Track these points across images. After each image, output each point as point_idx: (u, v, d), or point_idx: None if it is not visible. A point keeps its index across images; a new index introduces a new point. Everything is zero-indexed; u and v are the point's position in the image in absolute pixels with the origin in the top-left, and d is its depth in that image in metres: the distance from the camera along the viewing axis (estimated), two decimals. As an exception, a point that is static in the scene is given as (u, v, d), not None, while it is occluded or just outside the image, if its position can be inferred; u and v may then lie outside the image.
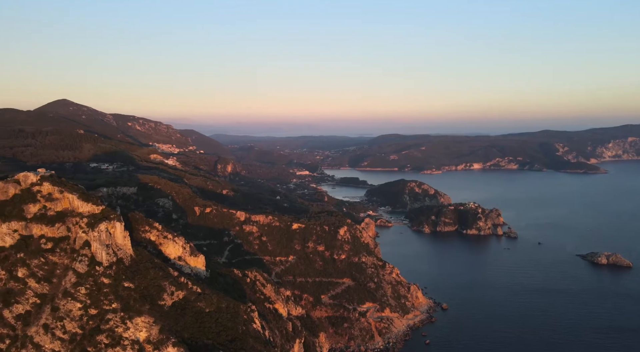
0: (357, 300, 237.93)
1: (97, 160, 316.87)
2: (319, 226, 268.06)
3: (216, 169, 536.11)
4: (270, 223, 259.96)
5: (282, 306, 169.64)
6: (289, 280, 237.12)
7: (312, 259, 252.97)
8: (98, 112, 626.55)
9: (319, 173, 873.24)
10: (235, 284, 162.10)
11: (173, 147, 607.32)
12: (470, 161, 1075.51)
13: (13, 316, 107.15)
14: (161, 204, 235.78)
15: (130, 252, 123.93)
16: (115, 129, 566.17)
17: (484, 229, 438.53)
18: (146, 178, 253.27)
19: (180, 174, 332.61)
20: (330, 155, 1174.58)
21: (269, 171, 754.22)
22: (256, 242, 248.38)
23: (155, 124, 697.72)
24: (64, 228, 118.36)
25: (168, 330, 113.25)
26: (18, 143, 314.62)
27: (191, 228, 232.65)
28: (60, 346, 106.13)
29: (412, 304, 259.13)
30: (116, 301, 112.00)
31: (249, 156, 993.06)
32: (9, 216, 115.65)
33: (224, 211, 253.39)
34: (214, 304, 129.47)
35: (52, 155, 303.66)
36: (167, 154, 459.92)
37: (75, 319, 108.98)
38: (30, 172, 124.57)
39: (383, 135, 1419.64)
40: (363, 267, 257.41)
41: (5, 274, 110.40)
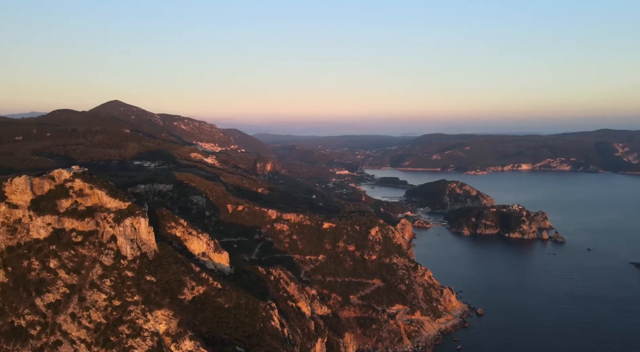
0: (387, 301, 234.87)
1: (140, 158, 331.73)
2: (350, 226, 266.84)
3: (255, 167, 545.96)
4: (301, 222, 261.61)
5: (305, 305, 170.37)
6: (317, 279, 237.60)
7: (342, 259, 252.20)
8: (147, 112, 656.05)
9: (358, 173, 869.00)
10: (259, 281, 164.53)
11: (215, 146, 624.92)
12: (518, 162, 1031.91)
13: (44, 304, 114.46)
14: (195, 201, 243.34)
15: (154, 247, 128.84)
16: (161, 128, 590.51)
17: (527, 233, 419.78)
18: (182, 176, 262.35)
19: (217, 172, 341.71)
20: (371, 155, 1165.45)
21: (308, 170, 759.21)
22: (286, 241, 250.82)
23: (199, 124, 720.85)
24: (93, 222, 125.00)
25: (186, 324, 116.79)
26: (70, 142, 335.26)
27: (223, 225, 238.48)
28: (85, 334, 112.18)
29: (445, 307, 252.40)
30: (138, 294, 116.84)
31: (290, 155, 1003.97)
32: (43, 210, 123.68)
33: (255, 209, 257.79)
34: (233, 300, 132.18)
35: (99, 154, 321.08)
36: (208, 152, 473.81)
37: (100, 310, 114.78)
38: (64, 169, 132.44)
39: (426, 135, 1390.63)
40: (394, 269, 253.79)
41: (38, 265, 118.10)
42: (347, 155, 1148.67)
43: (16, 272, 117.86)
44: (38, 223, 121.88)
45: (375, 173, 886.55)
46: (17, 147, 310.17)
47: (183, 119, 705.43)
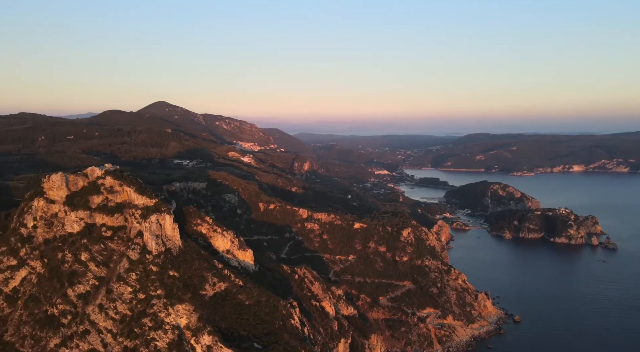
0: (417, 304, 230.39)
1: (180, 157, 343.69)
2: (381, 226, 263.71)
3: (293, 167, 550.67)
4: (332, 221, 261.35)
5: (329, 304, 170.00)
6: (347, 279, 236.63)
7: (373, 260, 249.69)
8: (190, 112, 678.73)
9: (398, 173, 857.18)
10: (283, 279, 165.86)
11: (255, 145, 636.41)
12: (569, 163, 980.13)
13: (75, 294, 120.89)
14: (227, 199, 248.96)
15: (178, 243, 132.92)
16: (203, 128, 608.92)
17: (575, 238, 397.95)
18: (216, 174, 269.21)
19: (252, 171, 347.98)
20: (412, 155, 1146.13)
21: (347, 170, 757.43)
22: (317, 240, 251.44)
23: (240, 123, 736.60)
24: (121, 218, 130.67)
25: (206, 319, 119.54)
26: (116, 141, 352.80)
27: (254, 223, 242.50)
28: (112, 325, 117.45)
29: (479, 313, 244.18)
30: (161, 288, 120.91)
31: (330, 155, 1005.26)
32: (77, 205, 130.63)
33: (287, 207, 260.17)
34: (254, 298, 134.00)
35: (142, 152, 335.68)
36: (246, 151, 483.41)
37: (125, 302, 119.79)
38: (97, 167, 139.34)
39: (470, 135, 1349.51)
40: (426, 271, 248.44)
41: (71, 257, 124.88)
42: (387, 155, 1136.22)
43: (51, 263, 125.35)
44: (72, 218, 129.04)
45: (415, 173, 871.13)
46: (68, 146, 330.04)
47: (225, 118, 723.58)
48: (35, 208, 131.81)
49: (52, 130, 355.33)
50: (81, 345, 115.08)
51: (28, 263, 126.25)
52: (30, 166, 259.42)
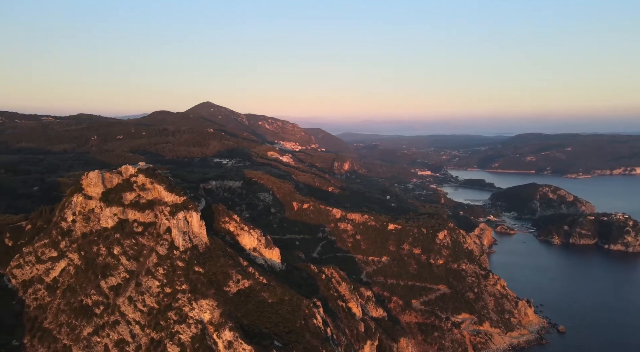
0: (452, 309, 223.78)
1: (220, 156, 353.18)
2: (416, 228, 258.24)
3: (333, 166, 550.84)
4: (366, 222, 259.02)
5: (356, 305, 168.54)
6: (379, 281, 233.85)
7: (407, 262, 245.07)
8: (234, 112, 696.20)
9: (442, 174, 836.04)
10: (310, 279, 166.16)
11: (296, 144, 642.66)
12: (631, 165, 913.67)
13: (107, 286, 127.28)
14: (262, 198, 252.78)
15: (205, 240, 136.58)
16: (245, 127, 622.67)
17: (633, 245, 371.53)
18: (251, 173, 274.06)
19: (290, 170, 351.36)
20: (458, 155, 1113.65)
21: (388, 170, 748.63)
22: (350, 240, 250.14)
23: (282, 123, 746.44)
24: (152, 215, 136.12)
25: (228, 315, 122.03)
26: (161, 140, 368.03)
27: (287, 222, 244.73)
28: (140, 317, 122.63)
29: (519, 321, 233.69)
30: (186, 283, 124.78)
31: (372, 154, 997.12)
32: (111, 201, 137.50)
33: (321, 207, 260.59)
34: (277, 296, 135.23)
35: (184, 151, 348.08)
36: (286, 151, 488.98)
37: (153, 295, 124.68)
38: (131, 165, 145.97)
39: (521, 135, 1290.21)
40: (462, 275, 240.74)
41: (105, 251, 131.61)
42: (432, 155, 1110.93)
43: (87, 256, 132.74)
44: (106, 213, 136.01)
45: (460, 174, 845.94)
46: (118, 145, 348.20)
47: (267, 118, 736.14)
48: (75, 203, 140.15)
49: (104, 130, 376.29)
50: (111, 335, 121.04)
51: (67, 255, 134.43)
52: (82, 164, 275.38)
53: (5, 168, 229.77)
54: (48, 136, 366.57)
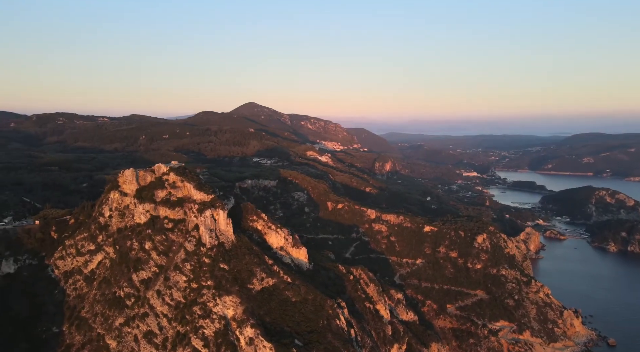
0: (489, 316, 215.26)
1: (259, 155, 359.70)
2: (453, 231, 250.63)
3: (374, 166, 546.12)
4: (401, 223, 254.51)
5: (384, 308, 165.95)
6: (413, 283, 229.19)
7: (442, 265, 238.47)
8: (277, 112, 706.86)
9: (489, 175, 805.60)
10: (337, 279, 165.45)
11: (338, 144, 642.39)
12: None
13: (139, 280, 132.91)
14: (296, 197, 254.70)
15: (231, 237, 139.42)
16: (288, 127, 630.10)
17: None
18: (286, 173, 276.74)
19: (328, 170, 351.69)
20: (508, 156, 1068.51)
21: (432, 171, 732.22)
22: (384, 242, 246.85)
23: (325, 123, 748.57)
24: (182, 212, 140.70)
25: (251, 312, 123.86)
26: (203, 140, 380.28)
27: (321, 222, 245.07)
28: (167, 310, 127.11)
29: (564, 332, 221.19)
30: (211, 279, 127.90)
31: (416, 155, 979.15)
32: (144, 198, 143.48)
33: (355, 207, 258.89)
34: (300, 295, 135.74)
35: (225, 151, 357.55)
36: (326, 151, 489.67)
37: (180, 290, 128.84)
38: (164, 163, 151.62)
39: (578, 135, 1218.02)
40: (502, 281, 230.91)
41: (137, 245, 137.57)
42: (479, 156, 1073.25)
43: (122, 250, 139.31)
44: (140, 210, 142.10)
45: (509, 176, 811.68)
46: (162, 145, 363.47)
47: (310, 118, 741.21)
48: (112, 200, 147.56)
49: (151, 130, 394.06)
50: (141, 326, 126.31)
51: (103, 249, 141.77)
52: (128, 162, 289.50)
53: (59, 166, 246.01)
54: (101, 136, 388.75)
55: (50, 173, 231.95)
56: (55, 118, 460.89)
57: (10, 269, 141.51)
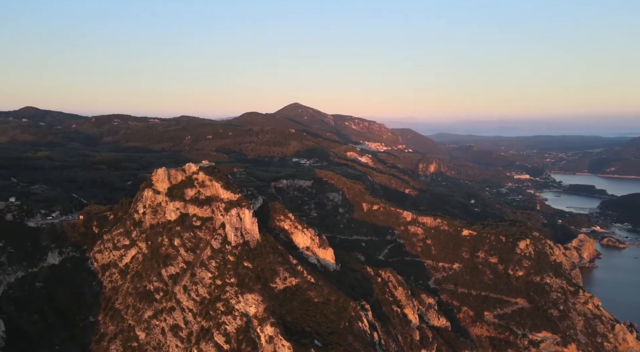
0: (531, 326, 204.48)
1: (299, 155, 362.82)
2: (494, 235, 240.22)
3: (417, 168, 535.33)
4: (438, 226, 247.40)
5: (412, 312, 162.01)
6: (448, 288, 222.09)
7: (481, 271, 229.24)
8: (321, 113, 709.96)
9: (543, 178, 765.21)
10: (365, 281, 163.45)
11: (381, 145, 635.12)
12: None
13: (167, 275, 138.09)
14: (331, 197, 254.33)
15: (256, 236, 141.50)
16: (331, 128, 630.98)
17: None
18: (322, 173, 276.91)
19: (366, 171, 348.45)
20: (565, 158, 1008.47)
21: (481, 173, 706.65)
22: (420, 245, 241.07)
23: (369, 124, 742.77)
24: (209, 210, 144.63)
25: (271, 310, 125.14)
26: (245, 140, 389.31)
27: (355, 223, 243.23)
28: (192, 305, 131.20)
29: (615, 347, 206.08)
30: (234, 277, 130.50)
31: (465, 156, 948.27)
32: (175, 196, 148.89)
33: (391, 209, 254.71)
34: (323, 296, 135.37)
35: (265, 151, 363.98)
36: (367, 151, 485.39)
37: (205, 286, 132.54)
38: (194, 163, 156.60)
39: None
40: (546, 290, 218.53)
41: (167, 242, 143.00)
42: (533, 157, 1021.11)
43: (153, 246, 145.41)
44: (170, 207, 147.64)
45: (566, 179, 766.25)
46: (206, 145, 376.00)
47: (354, 119, 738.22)
48: (145, 197, 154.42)
49: (196, 130, 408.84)
50: (168, 319, 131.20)
51: (137, 244, 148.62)
52: (173, 161, 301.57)
53: (108, 164, 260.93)
54: (151, 136, 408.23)
55: (100, 171, 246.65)
56: (112, 119, 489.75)
57: (55, 260, 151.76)
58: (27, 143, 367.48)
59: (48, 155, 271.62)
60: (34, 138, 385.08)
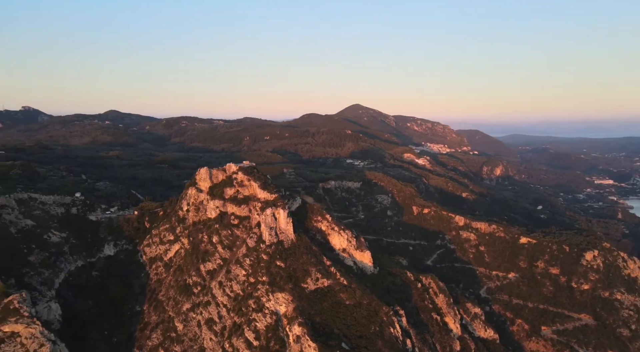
0: (596, 345, 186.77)
1: (353, 156, 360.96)
2: (556, 244, 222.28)
3: (481, 171, 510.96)
4: (493, 232, 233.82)
5: (453, 321, 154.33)
6: (502, 299, 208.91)
7: (540, 282, 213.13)
8: (382, 114, 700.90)
9: (630, 183, 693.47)
10: (403, 286, 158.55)
11: (444, 147, 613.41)
12: None
13: (205, 270, 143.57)
14: (379, 199, 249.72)
15: (291, 236, 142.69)
16: (391, 129, 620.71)
17: None
18: (371, 175, 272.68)
19: (422, 173, 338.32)
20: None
21: (555, 177, 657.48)
22: (472, 251, 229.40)
23: (432, 124, 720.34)
24: (247, 209, 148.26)
25: (300, 310, 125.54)
26: (301, 141, 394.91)
27: (403, 226, 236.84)
28: (227, 301, 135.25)
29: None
30: (266, 275, 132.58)
31: (539, 159, 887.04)
32: (215, 195, 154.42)
33: (442, 213, 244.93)
34: (355, 298, 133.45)
35: (320, 152, 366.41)
36: (428, 153, 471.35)
37: (239, 283, 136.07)
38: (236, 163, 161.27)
39: None
40: (615, 306, 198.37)
41: (207, 239, 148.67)
42: (620, 161, 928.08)
43: (194, 242, 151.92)
44: (211, 205, 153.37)
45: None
46: (263, 145, 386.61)
47: (417, 119, 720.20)
48: (189, 195, 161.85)
49: (255, 132, 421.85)
50: (204, 313, 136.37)
51: (180, 239, 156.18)
52: (229, 161, 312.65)
53: (168, 163, 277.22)
54: (213, 137, 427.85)
55: (161, 170, 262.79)
56: (180, 121, 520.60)
57: (110, 252, 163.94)
58: (106, 143, 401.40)
59: (118, 155, 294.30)
60: (111, 139, 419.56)
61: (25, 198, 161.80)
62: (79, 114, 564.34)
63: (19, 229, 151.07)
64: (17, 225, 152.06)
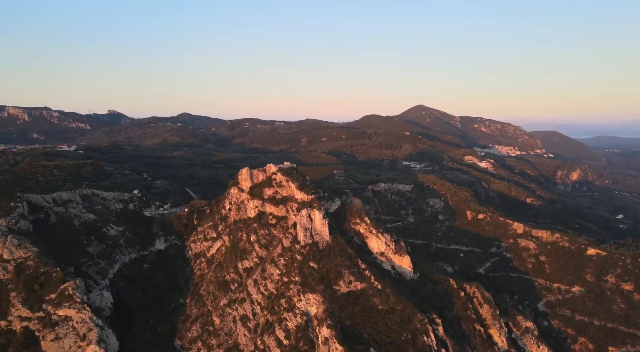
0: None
1: (410, 158, 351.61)
2: (630, 258, 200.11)
3: (555, 175, 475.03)
4: (556, 242, 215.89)
5: (498, 334, 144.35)
6: (563, 314, 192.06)
7: (609, 298, 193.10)
8: (447, 115, 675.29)
9: None
10: (445, 294, 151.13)
11: (514, 149, 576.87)
12: None
13: (242, 268, 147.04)
14: (431, 203, 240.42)
15: (326, 238, 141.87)
16: (456, 130, 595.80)
17: None
18: (424, 178, 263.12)
19: (483, 177, 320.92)
20: None
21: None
22: (531, 261, 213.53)
23: (502, 126, 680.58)
24: (284, 210, 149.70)
25: (330, 312, 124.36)
26: (357, 143, 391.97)
27: (455, 231, 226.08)
28: (260, 299, 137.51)
29: None
30: (299, 276, 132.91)
31: (628, 163, 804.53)
32: (255, 195, 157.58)
33: (499, 219, 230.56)
34: (388, 303, 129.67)
35: (376, 153, 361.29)
36: (494, 155, 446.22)
37: (273, 282, 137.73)
38: (274, 164, 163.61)
39: None
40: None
41: (245, 237, 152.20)
42: None
43: (234, 240, 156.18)
44: (251, 205, 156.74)
45: None
46: (319, 147, 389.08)
47: (485, 121, 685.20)
48: (231, 195, 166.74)
49: (312, 133, 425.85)
50: (239, 309, 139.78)
51: (222, 237, 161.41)
52: (282, 162, 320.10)
53: (224, 163, 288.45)
54: (272, 138, 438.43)
55: (216, 169, 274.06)
56: (243, 123, 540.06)
57: (161, 246, 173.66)
58: (174, 144, 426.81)
59: (181, 155, 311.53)
60: (179, 139, 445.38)
61: (89, 194, 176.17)
62: (154, 117, 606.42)
63: (82, 222, 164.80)
64: (80, 218, 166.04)
